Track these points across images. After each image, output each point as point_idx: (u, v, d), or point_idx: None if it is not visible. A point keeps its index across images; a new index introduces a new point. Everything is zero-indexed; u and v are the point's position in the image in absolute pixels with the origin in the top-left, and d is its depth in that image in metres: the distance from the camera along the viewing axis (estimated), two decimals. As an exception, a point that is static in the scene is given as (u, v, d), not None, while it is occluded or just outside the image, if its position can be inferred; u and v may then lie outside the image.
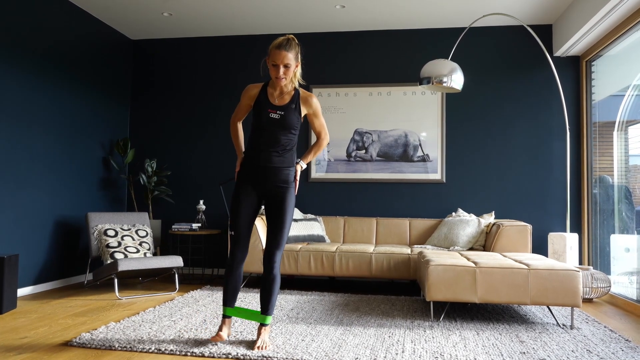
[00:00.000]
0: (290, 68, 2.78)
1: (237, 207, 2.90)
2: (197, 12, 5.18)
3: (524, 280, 3.43)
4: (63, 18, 4.85)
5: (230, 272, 2.91)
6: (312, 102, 2.93)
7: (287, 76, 2.80)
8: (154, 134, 5.94)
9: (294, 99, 2.89)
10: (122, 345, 2.83)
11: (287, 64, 2.76)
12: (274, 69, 2.78)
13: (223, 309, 2.94)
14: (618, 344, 3.06)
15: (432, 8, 4.97)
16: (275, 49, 2.75)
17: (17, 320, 3.43)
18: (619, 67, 4.71)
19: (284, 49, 2.74)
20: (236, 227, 2.89)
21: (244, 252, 2.92)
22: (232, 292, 2.93)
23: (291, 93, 2.90)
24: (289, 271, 4.69)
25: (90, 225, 4.70)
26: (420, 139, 5.44)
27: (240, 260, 2.91)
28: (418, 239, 5.16)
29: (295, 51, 2.78)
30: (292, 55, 2.77)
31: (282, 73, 2.77)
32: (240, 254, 2.91)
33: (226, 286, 2.92)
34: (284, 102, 2.88)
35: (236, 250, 2.90)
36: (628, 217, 4.45)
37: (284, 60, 2.74)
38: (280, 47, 2.74)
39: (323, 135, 3.04)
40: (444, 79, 4.30)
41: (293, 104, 2.88)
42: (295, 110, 2.88)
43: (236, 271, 2.91)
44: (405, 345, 2.94)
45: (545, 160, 5.25)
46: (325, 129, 3.05)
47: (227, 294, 2.92)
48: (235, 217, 2.90)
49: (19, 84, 4.34)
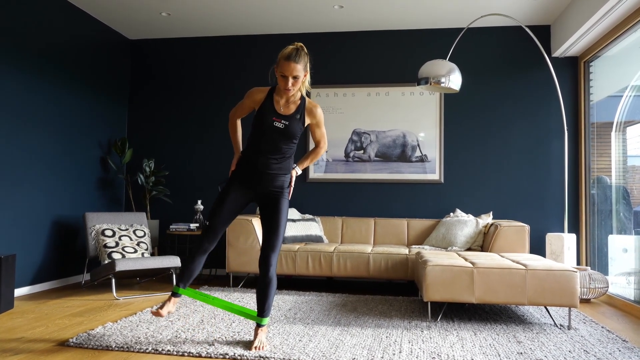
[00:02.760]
0: (299, 80, 2.73)
1: (223, 200, 2.89)
2: (195, 12, 5.17)
3: (521, 281, 3.43)
4: (61, 18, 4.84)
5: (191, 259, 2.91)
6: (316, 112, 2.91)
7: (294, 88, 2.76)
8: (152, 133, 5.94)
9: (299, 109, 2.86)
10: (119, 345, 2.82)
11: (296, 75, 2.71)
12: (282, 80, 2.73)
13: (174, 287, 2.94)
14: (615, 344, 3.06)
15: (430, 8, 4.97)
16: (284, 60, 2.69)
17: (14, 321, 3.42)
18: (617, 67, 4.71)
19: (293, 61, 2.68)
20: (214, 218, 2.88)
21: (212, 244, 2.91)
22: (189, 275, 2.93)
23: (297, 102, 2.87)
24: (287, 271, 4.68)
25: (88, 225, 4.69)
26: (418, 140, 5.44)
27: (205, 250, 2.91)
28: (416, 240, 5.16)
29: (304, 62, 2.73)
30: (301, 67, 2.71)
31: (290, 85, 2.72)
32: (207, 245, 2.90)
33: (184, 268, 2.92)
34: (289, 111, 2.85)
35: (204, 240, 2.90)
36: (626, 218, 4.45)
37: (292, 72, 2.69)
38: (290, 58, 2.68)
39: (322, 144, 3.04)
40: (442, 79, 4.30)
41: (298, 114, 2.86)
42: (300, 120, 2.86)
43: (197, 259, 2.92)
44: (403, 346, 2.94)
45: (543, 161, 5.25)
46: (325, 138, 3.04)
47: (183, 275, 2.92)
48: (217, 209, 2.89)
49: (17, 84, 4.33)
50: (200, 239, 2.90)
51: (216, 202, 2.91)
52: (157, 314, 2.86)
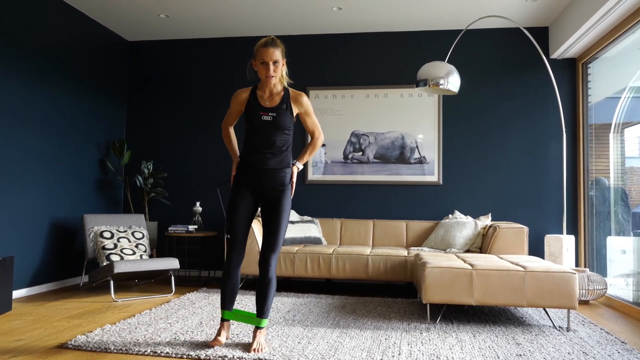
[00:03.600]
0: (279, 65, 2.81)
1: (234, 210, 2.89)
2: (193, 13, 5.17)
3: (520, 283, 3.43)
4: (60, 19, 4.84)
5: (227, 276, 2.90)
6: (302, 100, 2.93)
7: (276, 73, 2.82)
8: (151, 135, 5.93)
9: (284, 99, 2.90)
10: (118, 347, 2.82)
11: (276, 60, 2.79)
12: (263, 68, 2.80)
13: (221, 312, 2.93)
14: (614, 346, 3.06)
15: (428, 10, 4.98)
16: (262, 47, 2.79)
17: (12, 323, 3.41)
18: (615, 69, 4.72)
19: (270, 46, 2.78)
20: (233, 230, 2.88)
21: (241, 255, 2.91)
22: (230, 295, 2.92)
23: (281, 93, 2.91)
24: (286, 273, 4.68)
25: (86, 227, 4.68)
26: (417, 141, 5.45)
27: (237, 263, 2.90)
28: (415, 241, 5.16)
29: (281, 48, 2.82)
30: (279, 52, 2.81)
31: (272, 70, 2.79)
32: (237, 257, 2.90)
33: (224, 289, 2.91)
34: (274, 103, 2.88)
35: (233, 252, 2.89)
36: (624, 219, 4.46)
37: (272, 56, 2.78)
38: (267, 45, 2.78)
39: (317, 134, 3.04)
40: (441, 81, 4.31)
41: (284, 104, 2.89)
42: (287, 110, 2.88)
43: (233, 274, 2.90)
44: (402, 348, 2.94)
45: (541, 163, 5.26)
46: (319, 127, 3.04)
47: (225, 297, 2.91)
48: (232, 220, 2.89)
49: (16, 85, 4.32)
50: (229, 254, 2.90)
51: (229, 213, 2.90)
52: (217, 343, 2.86)
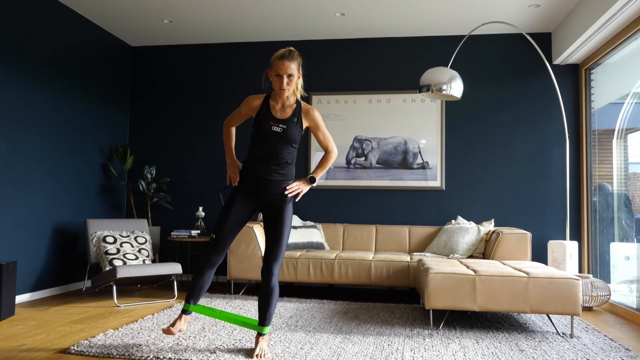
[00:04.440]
0: (293, 78, 2.80)
1: (227, 211, 2.89)
2: (196, 19, 5.19)
3: (523, 289, 3.42)
4: (63, 24, 4.86)
5: (201, 273, 2.89)
6: (313, 114, 2.92)
7: (290, 87, 2.81)
8: (154, 140, 5.94)
9: (295, 112, 2.89)
10: (120, 352, 2.81)
11: (291, 74, 2.78)
12: (277, 80, 2.79)
13: (184, 304, 2.92)
14: (618, 353, 3.05)
15: (431, 16, 4.99)
16: (278, 59, 2.77)
17: (15, 328, 3.42)
18: (618, 75, 4.72)
19: (286, 60, 2.76)
20: (220, 230, 2.87)
21: (220, 257, 2.90)
22: (198, 291, 2.90)
23: (293, 106, 2.90)
24: (288, 278, 4.67)
25: (89, 231, 4.69)
26: (419, 147, 5.45)
27: (214, 264, 2.89)
28: (417, 247, 5.15)
29: (297, 62, 2.80)
30: (295, 66, 2.79)
31: (285, 84, 2.78)
32: (215, 259, 2.89)
33: (193, 285, 2.90)
34: (286, 115, 2.88)
35: (212, 254, 2.88)
36: (628, 225, 4.45)
37: (287, 70, 2.76)
38: (283, 57, 2.76)
39: (330, 148, 3.02)
40: (444, 86, 4.31)
41: (295, 117, 2.88)
42: (297, 124, 2.88)
43: (206, 273, 2.89)
44: (405, 354, 2.93)
45: (544, 168, 5.25)
46: (332, 142, 3.02)
47: (193, 292, 2.90)
48: (222, 221, 2.88)
49: (20, 90, 4.34)
50: (208, 252, 2.89)
51: (221, 213, 2.90)
52: (169, 332, 2.85)
